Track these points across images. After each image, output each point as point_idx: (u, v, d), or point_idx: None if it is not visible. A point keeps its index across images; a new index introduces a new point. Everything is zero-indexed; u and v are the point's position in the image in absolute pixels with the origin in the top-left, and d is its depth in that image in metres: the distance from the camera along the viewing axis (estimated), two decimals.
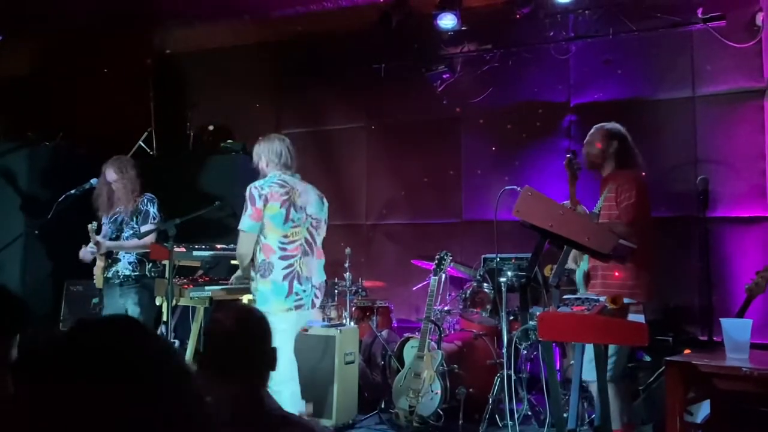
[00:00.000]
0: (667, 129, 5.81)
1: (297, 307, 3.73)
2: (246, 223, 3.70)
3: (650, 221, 3.74)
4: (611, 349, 3.47)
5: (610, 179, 3.73)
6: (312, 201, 3.91)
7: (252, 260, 3.80)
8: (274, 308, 3.64)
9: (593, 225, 2.79)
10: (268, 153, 3.88)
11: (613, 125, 3.90)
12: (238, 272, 4.07)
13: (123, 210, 4.78)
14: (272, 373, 3.66)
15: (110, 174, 4.76)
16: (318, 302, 3.92)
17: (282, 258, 3.70)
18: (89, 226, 4.48)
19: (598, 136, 3.84)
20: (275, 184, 3.76)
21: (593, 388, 3.55)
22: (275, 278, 3.68)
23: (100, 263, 4.75)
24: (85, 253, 4.73)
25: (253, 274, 3.80)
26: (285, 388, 3.58)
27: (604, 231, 2.72)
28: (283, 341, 3.62)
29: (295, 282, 3.72)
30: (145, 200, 4.80)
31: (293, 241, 3.75)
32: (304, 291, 3.76)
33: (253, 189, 3.74)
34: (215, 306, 4.31)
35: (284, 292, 3.68)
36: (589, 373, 3.27)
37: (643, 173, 3.87)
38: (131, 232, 4.71)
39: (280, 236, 3.71)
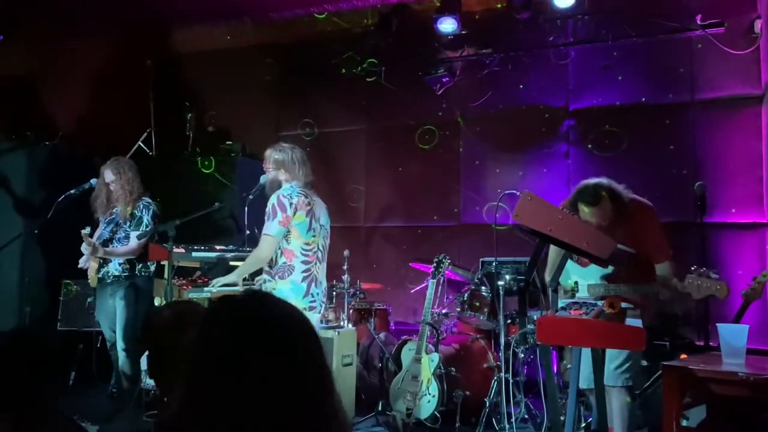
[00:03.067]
0: (665, 134, 5.84)
1: (311, 309, 3.87)
2: (275, 228, 3.79)
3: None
4: (623, 356, 3.47)
5: (625, 219, 3.61)
6: (323, 212, 4.05)
7: (269, 264, 3.89)
8: None
9: (592, 230, 2.80)
10: (291, 167, 3.95)
11: (606, 188, 3.55)
12: (227, 277, 4.09)
13: (120, 212, 4.78)
14: None
15: (108, 175, 4.78)
16: (322, 306, 4.06)
17: (303, 263, 3.85)
18: (83, 231, 4.49)
19: (608, 209, 3.50)
20: (301, 195, 3.88)
21: (593, 398, 3.55)
22: (294, 279, 3.82)
23: (93, 264, 4.78)
24: (85, 261, 4.76)
25: (268, 277, 3.89)
26: None
27: (603, 236, 2.73)
28: None
29: (313, 285, 3.88)
30: (141, 206, 4.80)
31: (312, 249, 3.89)
32: (318, 294, 3.93)
33: (282, 197, 3.82)
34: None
35: (302, 292, 3.83)
36: (589, 381, 3.29)
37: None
38: (124, 235, 4.73)
39: (303, 243, 3.85)
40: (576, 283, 3.46)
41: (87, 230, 4.53)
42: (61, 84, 6.68)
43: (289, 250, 3.83)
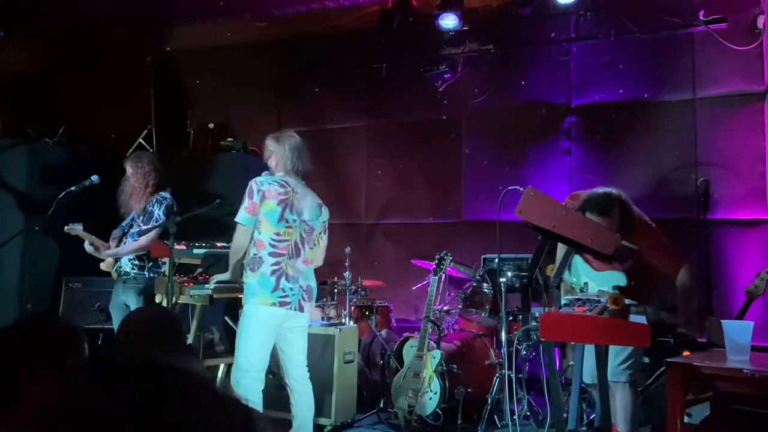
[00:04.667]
0: (667, 131, 5.82)
1: (282, 304, 3.72)
2: (242, 215, 3.76)
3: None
4: (627, 352, 3.47)
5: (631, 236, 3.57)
6: (308, 207, 3.91)
7: (245, 255, 3.84)
8: (259, 300, 3.70)
9: (596, 226, 2.78)
10: (281, 155, 3.92)
11: (616, 198, 3.51)
12: (224, 275, 4.06)
13: (136, 205, 4.74)
14: (239, 363, 3.64)
15: (128, 168, 4.77)
16: (306, 306, 3.88)
17: (271, 255, 3.73)
18: (74, 228, 4.46)
19: (616, 220, 3.44)
20: (275, 183, 3.80)
21: (596, 394, 3.54)
22: (264, 272, 3.72)
23: (109, 259, 4.76)
24: (107, 264, 4.74)
25: (245, 270, 3.82)
26: (249, 378, 3.68)
27: (607, 232, 2.72)
28: (260, 333, 3.70)
29: (283, 279, 3.74)
30: (154, 201, 4.71)
31: (284, 241, 3.77)
32: (291, 290, 3.76)
33: (253, 183, 3.79)
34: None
35: (271, 286, 3.71)
36: (594, 376, 3.28)
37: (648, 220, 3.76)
38: (138, 230, 4.68)
39: (272, 233, 3.74)
40: (586, 284, 3.45)
41: (79, 226, 4.50)
42: (62, 81, 6.66)
43: (260, 241, 3.74)
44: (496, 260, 5.19)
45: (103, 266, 4.82)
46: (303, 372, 3.94)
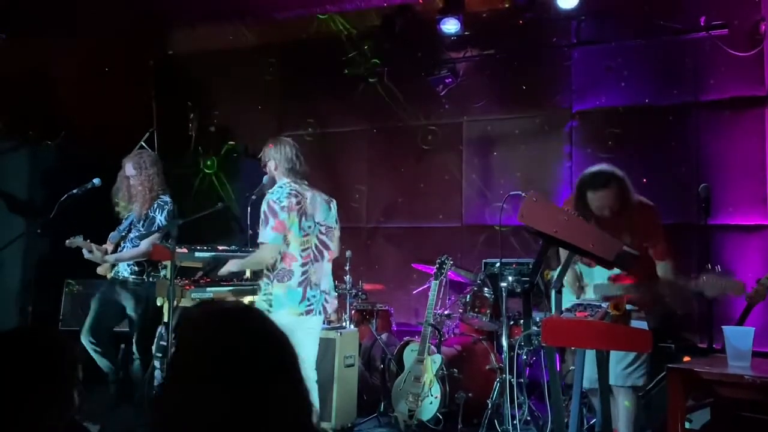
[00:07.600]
0: (668, 136, 5.82)
1: (308, 312, 3.83)
2: (270, 235, 3.74)
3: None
4: (632, 356, 3.47)
5: (629, 213, 3.55)
6: (319, 208, 3.97)
7: (269, 268, 3.86)
8: (287, 311, 3.76)
9: (598, 231, 2.79)
10: (280, 158, 3.94)
11: (611, 172, 3.56)
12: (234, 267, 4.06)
13: (137, 209, 4.71)
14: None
15: (129, 169, 4.69)
16: (329, 307, 4.00)
17: (301, 265, 3.82)
18: (68, 242, 4.46)
19: (614, 190, 3.48)
20: (290, 195, 3.81)
21: (596, 400, 3.54)
22: (291, 284, 3.79)
23: (106, 264, 4.76)
24: (104, 268, 4.73)
25: (267, 280, 3.85)
26: None
27: (608, 237, 2.72)
28: (303, 343, 3.72)
29: (308, 288, 3.83)
30: (156, 206, 4.67)
31: (306, 249, 3.85)
32: (314, 296, 3.87)
33: (272, 203, 3.77)
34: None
35: (298, 297, 3.79)
36: (591, 382, 3.28)
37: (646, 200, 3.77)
38: (137, 234, 4.66)
39: (299, 245, 3.81)
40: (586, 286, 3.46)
41: (79, 238, 4.49)
42: (64, 83, 6.67)
43: (290, 255, 3.80)
44: (497, 264, 5.19)
45: (100, 270, 4.80)
46: (313, 375, 3.97)
